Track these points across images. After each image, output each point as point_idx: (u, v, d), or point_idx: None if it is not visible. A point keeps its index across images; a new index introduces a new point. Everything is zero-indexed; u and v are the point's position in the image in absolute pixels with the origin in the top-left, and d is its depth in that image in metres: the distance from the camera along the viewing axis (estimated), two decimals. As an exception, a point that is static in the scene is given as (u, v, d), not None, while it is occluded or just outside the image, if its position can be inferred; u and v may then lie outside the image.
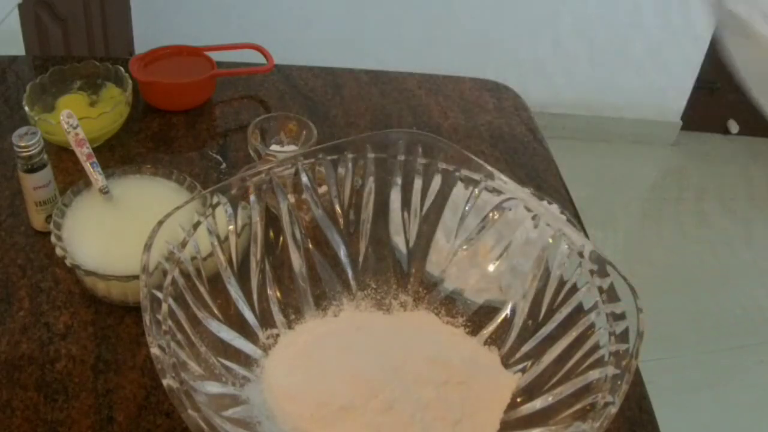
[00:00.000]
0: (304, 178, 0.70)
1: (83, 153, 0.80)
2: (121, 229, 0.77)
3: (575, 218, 0.93)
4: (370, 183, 0.72)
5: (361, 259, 0.74)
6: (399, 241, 0.74)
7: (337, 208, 0.73)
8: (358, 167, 0.71)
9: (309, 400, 0.61)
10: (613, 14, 2.44)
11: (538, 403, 0.62)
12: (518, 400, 0.64)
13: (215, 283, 0.64)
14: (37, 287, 0.76)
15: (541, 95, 2.53)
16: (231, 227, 0.65)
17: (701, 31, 2.50)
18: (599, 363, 0.58)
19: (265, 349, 0.67)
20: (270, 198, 0.69)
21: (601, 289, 0.61)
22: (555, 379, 0.62)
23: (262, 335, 0.68)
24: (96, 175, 0.79)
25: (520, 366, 0.66)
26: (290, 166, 0.69)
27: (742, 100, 0.71)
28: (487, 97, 1.17)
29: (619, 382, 0.54)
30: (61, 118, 0.81)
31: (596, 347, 0.59)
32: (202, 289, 0.62)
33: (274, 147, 0.91)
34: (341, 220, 0.73)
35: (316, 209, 0.72)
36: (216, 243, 0.64)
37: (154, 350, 0.52)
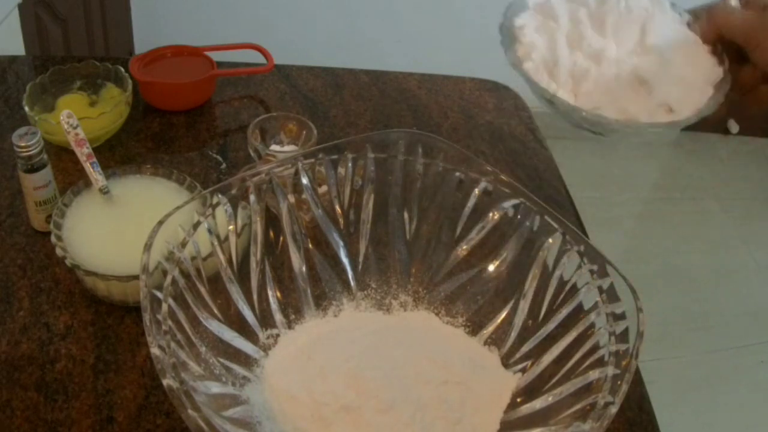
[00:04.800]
0: (304, 178, 0.70)
1: (83, 153, 0.80)
2: (121, 229, 0.77)
3: (575, 218, 0.93)
4: (370, 183, 0.72)
5: (361, 259, 0.74)
6: (399, 241, 0.74)
7: (337, 208, 0.73)
8: (358, 167, 0.71)
9: (309, 400, 0.61)
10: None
11: (538, 403, 0.62)
12: (518, 400, 0.64)
13: (215, 283, 0.64)
14: (37, 287, 0.76)
15: (541, 95, 2.53)
16: (231, 227, 0.65)
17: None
18: (599, 363, 0.58)
19: (265, 349, 0.67)
20: (270, 198, 0.69)
21: (601, 289, 0.61)
22: (555, 379, 0.62)
23: (262, 335, 0.68)
24: (96, 175, 0.79)
25: (520, 366, 0.66)
26: (290, 166, 0.69)
27: (743, 100, 0.70)
28: (487, 97, 1.17)
29: (619, 382, 0.54)
30: (61, 118, 0.81)
31: (596, 347, 0.59)
32: (202, 289, 0.62)
33: (274, 147, 0.91)
34: (341, 220, 0.73)
35: (316, 209, 0.72)
36: (216, 243, 0.64)
37: (154, 350, 0.52)
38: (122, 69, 0.97)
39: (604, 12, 0.69)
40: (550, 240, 0.67)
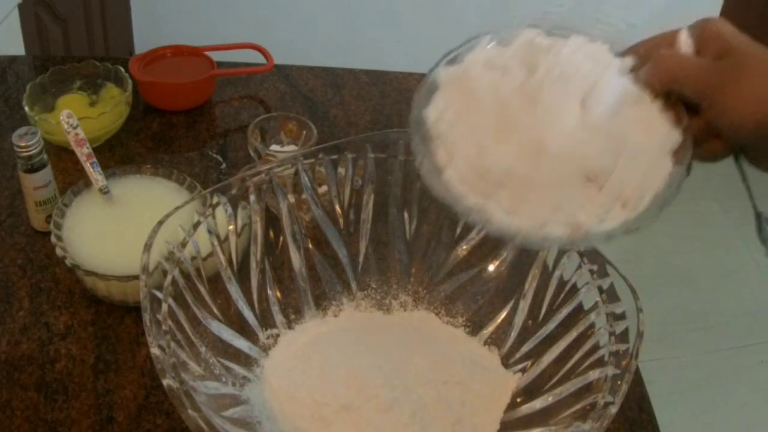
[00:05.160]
0: (304, 178, 0.70)
1: (83, 153, 0.80)
2: (121, 229, 0.77)
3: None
4: (370, 183, 0.72)
5: (361, 259, 0.74)
6: (399, 241, 0.74)
7: (337, 208, 0.73)
8: (358, 167, 0.71)
9: (309, 400, 0.61)
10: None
11: (538, 403, 0.62)
12: (518, 400, 0.64)
13: (215, 283, 0.64)
14: (37, 287, 0.76)
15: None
16: (231, 227, 0.65)
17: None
18: (599, 363, 0.58)
19: (265, 349, 0.67)
20: (270, 198, 0.69)
21: (601, 289, 0.61)
22: (555, 379, 0.62)
23: (262, 335, 0.68)
24: (96, 175, 0.79)
25: (520, 366, 0.66)
26: (290, 166, 0.69)
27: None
28: (487, 97, 1.17)
29: (619, 382, 0.54)
30: (61, 118, 0.81)
31: (596, 347, 0.59)
32: (202, 289, 0.63)
33: (274, 147, 0.91)
34: (341, 220, 0.73)
35: (316, 209, 0.72)
36: (216, 243, 0.64)
37: (154, 350, 0.52)
38: (122, 69, 0.97)
39: (536, 84, 0.52)
40: (550, 240, 0.67)
